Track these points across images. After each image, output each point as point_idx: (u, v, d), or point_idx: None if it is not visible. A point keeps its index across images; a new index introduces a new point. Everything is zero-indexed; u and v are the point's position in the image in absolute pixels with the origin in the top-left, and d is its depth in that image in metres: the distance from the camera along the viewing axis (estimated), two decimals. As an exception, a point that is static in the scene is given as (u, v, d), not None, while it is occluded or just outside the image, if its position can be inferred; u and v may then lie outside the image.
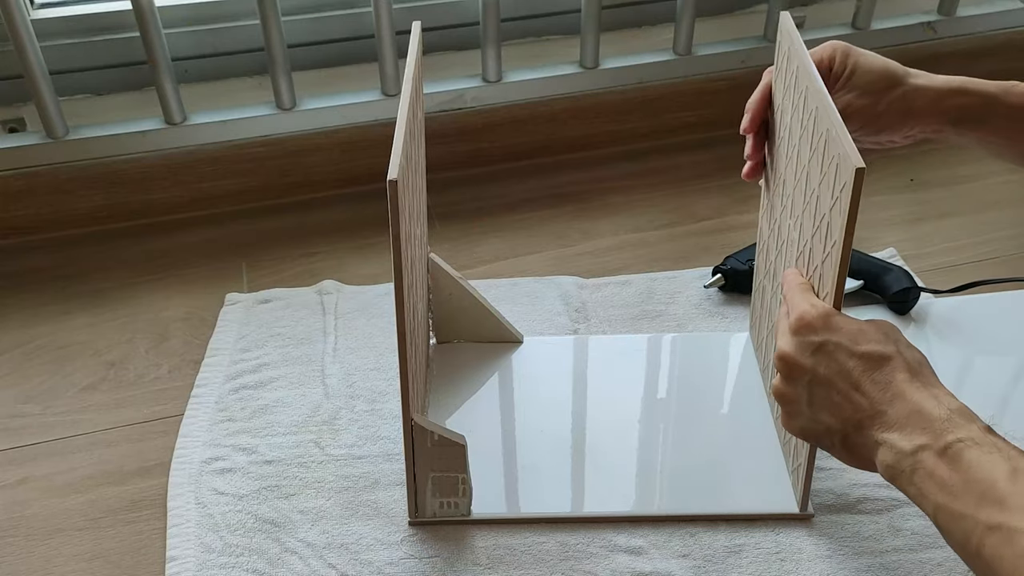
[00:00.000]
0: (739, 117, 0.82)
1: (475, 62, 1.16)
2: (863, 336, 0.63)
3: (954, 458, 0.56)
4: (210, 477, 0.82)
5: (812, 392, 0.65)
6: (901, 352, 0.62)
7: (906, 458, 0.58)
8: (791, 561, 0.75)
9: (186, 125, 1.10)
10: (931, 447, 0.57)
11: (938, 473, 0.56)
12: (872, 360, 0.62)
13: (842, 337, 0.63)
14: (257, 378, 0.92)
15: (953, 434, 0.57)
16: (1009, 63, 1.32)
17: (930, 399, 0.59)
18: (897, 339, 0.64)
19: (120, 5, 1.08)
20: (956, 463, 0.56)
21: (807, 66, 0.69)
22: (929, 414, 0.59)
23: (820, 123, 0.66)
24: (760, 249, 0.85)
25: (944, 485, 0.56)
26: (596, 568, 0.75)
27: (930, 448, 0.57)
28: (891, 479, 0.60)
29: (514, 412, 0.87)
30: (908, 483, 0.58)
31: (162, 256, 1.08)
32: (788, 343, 0.66)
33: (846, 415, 0.63)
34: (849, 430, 0.63)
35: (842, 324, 0.64)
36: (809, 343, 0.64)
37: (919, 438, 0.58)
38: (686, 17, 1.17)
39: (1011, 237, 1.08)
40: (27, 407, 0.91)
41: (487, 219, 1.13)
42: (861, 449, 0.63)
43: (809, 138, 0.68)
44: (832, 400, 0.63)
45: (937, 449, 0.57)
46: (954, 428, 0.57)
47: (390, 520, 0.79)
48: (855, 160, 0.60)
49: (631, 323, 0.97)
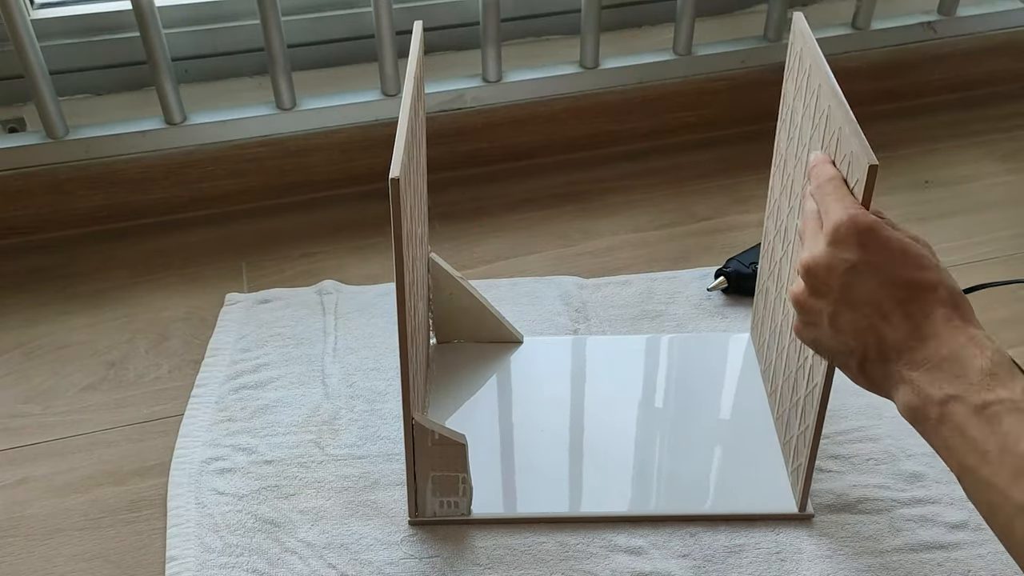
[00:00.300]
0: (739, 117, 0.82)
1: (475, 62, 1.16)
2: (904, 259, 0.57)
3: (991, 419, 0.52)
4: (210, 477, 0.82)
5: (836, 311, 0.59)
6: (942, 281, 0.57)
7: (933, 406, 0.54)
8: (791, 561, 0.75)
9: (186, 125, 1.10)
10: (965, 400, 0.53)
11: (970, 432, 0.52)
12: (910, 289, 0.57)
13: (881, 259, 0.57)
14: (257, 378, 0.91)
15: (994, 392, 0.52)
16: (1009, 63, 1.32)
17: (970, 345, 0.54)
18: (937, 264, 0.58)
19: (120, 5, 1.08)
20: (993, 426, 0.51)
21: (821, 64, 0.69)
22: (967, 363, 0.54)
23: (832, 121, 0.66)
24: (764, 250, 0.85)
25: (976, 447, 0.52)
26: (596, 568, 0.75)
27: (963, 401, 0.53)
28: (911, 421, 0.57)
29: (514, 412, 0.87)
30: (932, 432, 0.55)
31: (162, 256, 1.08)
32: (820, 253, 0.59)
33: (869, 343, 0.58)
34: (871, 356, 0.59)
35: (883, 243, 0.58)
36: (843, 260, 0.58)
37: (951, 386, 0.54)
38: (686, 17, 1.17)
39: (1011, 237, 1.08)
40: (27, 407, 0.91)
41: (487, 219, 1.13)
42: (880, 379, 0.59)
43: (821, 137, 0.68)
44: (857, 325, 0.58)
45: (973, 405, 0.52)
46: (996, 385, 0.52)
47: (390, 520, 0.79)
48: (868, 157, 0.59)
49: (631, 323, 0.97)
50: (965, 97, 1.32)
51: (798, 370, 0.75)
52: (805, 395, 0.73)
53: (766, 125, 1.25)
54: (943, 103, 1.31)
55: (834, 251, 0.59)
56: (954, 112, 1.29)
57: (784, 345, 0.79)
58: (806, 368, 0.73)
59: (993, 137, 1.24)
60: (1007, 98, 1.31)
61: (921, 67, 1.30)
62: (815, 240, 0.61)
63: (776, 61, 1.22)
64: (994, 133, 1.25)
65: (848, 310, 0.59)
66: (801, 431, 0.75)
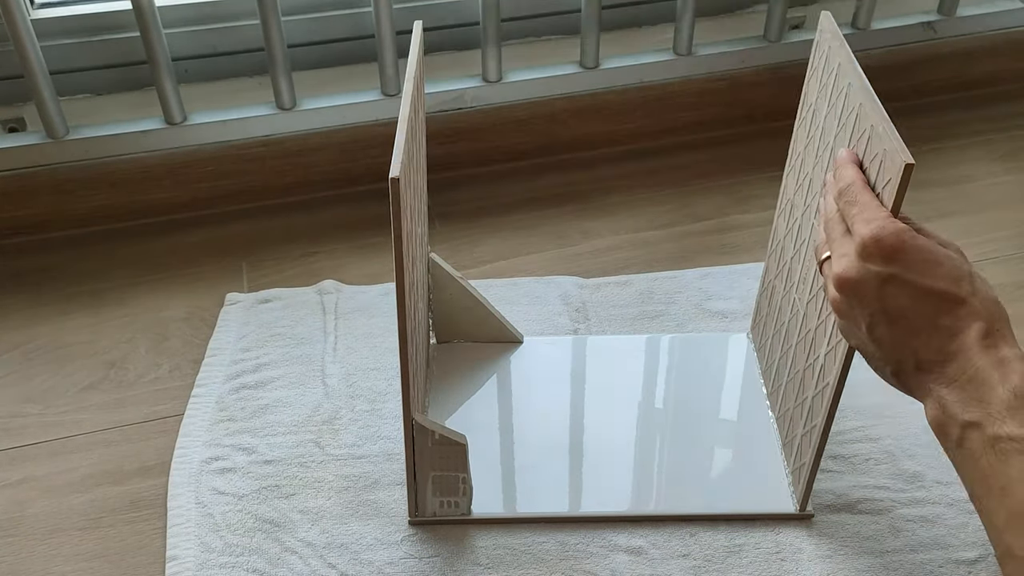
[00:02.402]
0: (739, 117, 0.81)
1: (475, 62, 1.16)
2: (935, 269, 0.57)
3: (1001, 456, 0.52)
4: (210, 477, 0.82)
5: (873, 323, 0.59)
6: (976, 292, 0.56)
7: (955, 426, 0.54)
8: (791, 561, 0.75)
9: (186, 125, 1.10)
10: (983, 429, 0.53)
11: (982, 463, 0.53)
12: (942, 302, 0.56)
13: (912, 271, 0.57)
14: (257, 378, 0.92)
15: (1006, 427, 0.52)
16: (1009, 63, 1.32)
17: (995, 368, 0.54)
18: (970, 272, 0.58)
19: (120, 5, 1.08)
20: (1002, 463, 0.52)
21: (852, 63, 0.69)
22: (989, 388, 0.53)
23: (863, 120, 0.65)
24: (773, 249, 0.85)
25: (984, 479, 0.53)
26: (596, 568, 0.75)
27: (981, 429, 0.53)
28: (935, 432, 0.57)
29: (514, 412, 0.87)
30: (951, 451, 0.55)
31: (162, 256, 1.08)
32: (851, 266, 0.59)
33: (905, 356, 0.58)
34: (906, 368, 0.58)
35: (913, 252, 0.57)
36: (876, 274, 0.58)
37: (973, 411, 0.54)
38: (686, 17, 1.17)
39: (1011, 237, 1.08)
40: (27, 407, 0.91)
41: (487, 219, 1.13)
42: (913, 387, 0.59)
43: (848, 135, 0.68)
44: (892, 339, 0.58)
45: (988, 436, 0.53)
46: (1010, 418, 0.52)
47: (390, 520, 0.79)
48: (904, 156, 0.58)
49: (631, 323, 0.97)
50: (965, 97, 1.32)
51: (806, 369, 0.75)
52: (814, 394, 0.73)
53: (766, 125, 1.26)
54: (943, 103, 1.31)
55: (864, 265, 0.58)
56: (954, 112, 1.29)
57: (791, 344, 0.79)
58: (816, 368, 0.73)
59: (993, 137, 1.24)
60: (1007, 98, 1.31)
61: (921, 67, 1.30)
62: (844, 250, 0.60)
63: (776, 61, 1.22)
64: (994, 133, 1.25)
65: (883, 323, 0.59)
66: (807, 430, 0.75)
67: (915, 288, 0.57)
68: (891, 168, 0.59)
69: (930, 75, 1.30)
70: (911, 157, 0.58)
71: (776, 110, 0.81)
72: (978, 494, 0.53)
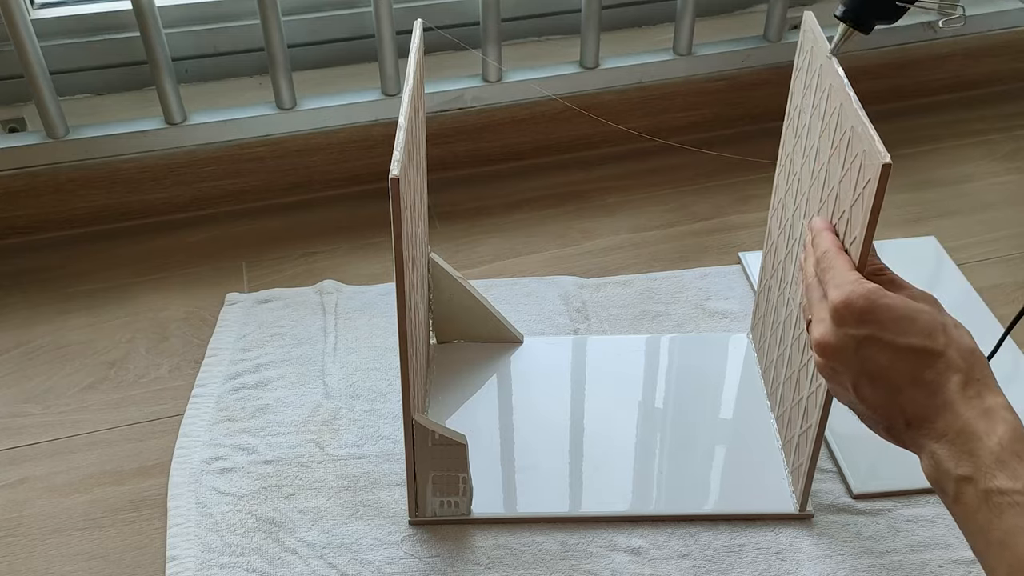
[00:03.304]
0: (739, 117, 0.82)
1: (475, 62, 1.16)
2: (909, 326, 0.57)
3: (996, 510, 0.52)
4: (210, 477, 0.82)
5: (858, 383, 0.59)
6: (951, 343, 0.57)
7: (950, 482, 0.54)
8: (791, 561, 0.75)
9: (186, 125, 1.10)
10: (975, 483, 0.53)
11: (979, 517, 0.53)
12: (920, 356, 0.57)
13: (886, 330, 0.57)
14: (257, 378, 0.92)
15: (997, 480, 0.52)
16: (1009, 63, 1.32)
17: (981, 419, 0.54)
18: (944, 324, 0.58)
19: (120, 5, 1.08)
20: (997, 517, 0.52)
21: (832, 64, 0.69)
22: (978, 441, 0.54)
23: (844, 120, 0.65)
24: (768, 249, 0.85)
25: (982, 532, 0.52)
26: (596, 568, 0.75)
27: (974, 484, 0.53)
28: (933, 487, 0.57)
29: (514, 412, 0.87)
30: (950, 507, 0.55)
31: (162, 256, 1.08)
32: (828, 332, 0.60)
33: (893, 414, 0.58)
34: (896, 425, 0.59)
35: (884, 311, 0.58)
36: (852, 337, 0.58)
37: (965, 466, 0.54)
38: (686, 17, 1.17)
39: (1011, 237, 1.08)
40: (27, 407, 0.91)
41: (487, 219, 1.13)
42: (907, 443, 0.59)
43: (830, 136, 0.68)
44: (877, 399, 0.59)
45: (981, 490, 0.53)
46: (999, 471, 0.52)
47: (390, 520, 0.79)
48: (882, 155, 0.59)
49: (631, 323, 0.97)
50: (965, 97, 1.32)
51: (800, 370, 0.75)
52: (808, 395, 0.73)
53: (766, 125, 1.25)
54: (943, 103, 1.31)
55: (840, 329, 0.59)
56: (954, 112, 1.29)
57: (786, 344, 0.79)
58: (809, 368, 0.73)
59: (993, 137, 1.24)
60: (1007, 98, 1.31)
61: (921, 67, 1.30)
62: (821, 315, 0.61)
63: (776, 61, 1.22)
64: (994, 133, 1.25)
65: (867, 384, 0.59)
66: (803, 430, 0.75)
67: (891, 346, 0.57)
68: (870, 168, 0.60)
69: (930, 75, 1.30)
70: (888, 157, 0.59)
71: (776, 110, 0.81)
72: (979, 549, 0.53)
